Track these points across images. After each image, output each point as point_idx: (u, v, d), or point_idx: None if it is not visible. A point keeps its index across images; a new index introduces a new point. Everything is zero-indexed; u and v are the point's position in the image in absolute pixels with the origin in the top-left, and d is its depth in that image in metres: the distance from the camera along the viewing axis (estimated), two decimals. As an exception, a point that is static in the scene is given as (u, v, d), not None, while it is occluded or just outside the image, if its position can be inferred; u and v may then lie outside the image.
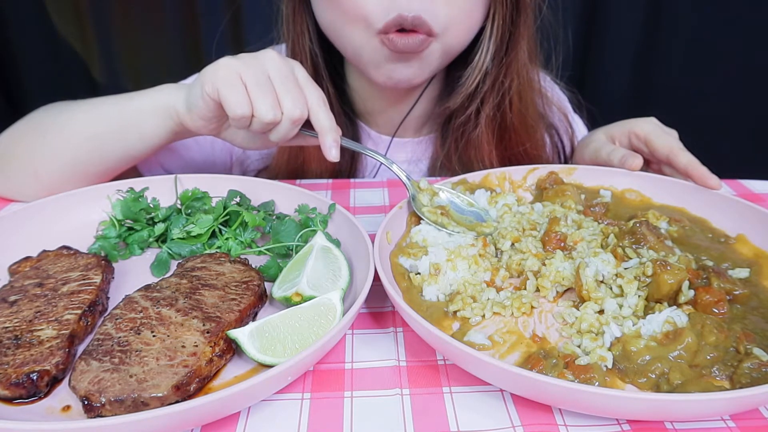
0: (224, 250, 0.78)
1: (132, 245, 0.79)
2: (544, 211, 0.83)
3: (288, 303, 0.66)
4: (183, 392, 0.54)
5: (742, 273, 0.71)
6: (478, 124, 1.04)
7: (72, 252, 0.75)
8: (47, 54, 1.89)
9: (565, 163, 1.16)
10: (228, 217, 0.82)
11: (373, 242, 0.70)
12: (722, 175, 0.86)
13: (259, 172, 1.14)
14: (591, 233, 0.76)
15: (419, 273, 0.72)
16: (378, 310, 0.71)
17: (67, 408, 0.55)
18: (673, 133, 0.95)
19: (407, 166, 1.16)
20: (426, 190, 0.83)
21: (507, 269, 0.73)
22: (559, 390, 0.51)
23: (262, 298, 0.69)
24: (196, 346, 0.58)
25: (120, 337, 0.59)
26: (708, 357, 0.58)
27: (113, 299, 0.70)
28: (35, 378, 0.55)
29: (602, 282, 0.68)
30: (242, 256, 0.76)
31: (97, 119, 0.87)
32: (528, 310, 0.67)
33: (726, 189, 0.99)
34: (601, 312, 0.65)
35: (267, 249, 0.78)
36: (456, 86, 1.04)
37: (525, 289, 0.70)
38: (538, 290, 0.70)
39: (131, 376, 0.54)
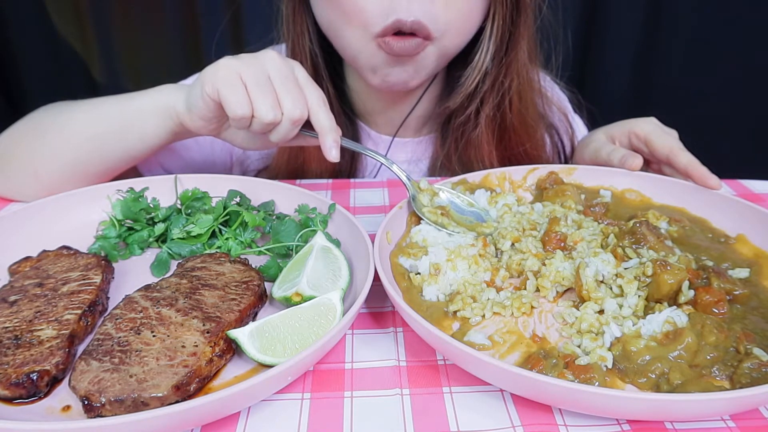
0: (224, 250, 0.78)
1: (132, 245, 0.79)
2: (544, 211, 0.83)
3: (288, 303, 0.66)
4: (183, 392, 0.54)
5: (742, 273, 0.71)
6: (478, 124, 1.04)
7: (72, 252, 0.75)
8: (47, 54, 1.89)
9: (565, 163, 1.16)
10: (228, 217, 0.82)
11: (373, 242, 0.70)
12: (722, 175, 0.86)
13: (259, 172, 1.14)
14: (591, 233, 0.76)
15: (419, 273, 0.72)
16: (378, 310, 0.71)
17: (67, 408, 0.55)
18: (673, 133, 0.95)
19: (407, 166, 1.16)
20: (426, 190, 0.83)
21: (507, 269, 0.73)
22: (559, 390, 0.51)
23: (262, 298, 0.69)
24: (196, 346, 0.58)
25: (120, 337, 0.59)
26: (708, 357, 0.58)
27: (113, 299, 0.70)
28: (35, 378, 0.55)
29: (602, 282, 0.68)
30: (242, 256, 0.76)
31: (97, 119, 0.87)
32: (528, 310, 0.67)
33: (726, 189, 0.99)
34: (601, 312, 0.65)
35: (267, 249, 0.78)
36: (456, 86, 1.04)
37: (525, 289, 0.70)
38: (538, 290, 0.70)
39: (131, 376, 0.54)
